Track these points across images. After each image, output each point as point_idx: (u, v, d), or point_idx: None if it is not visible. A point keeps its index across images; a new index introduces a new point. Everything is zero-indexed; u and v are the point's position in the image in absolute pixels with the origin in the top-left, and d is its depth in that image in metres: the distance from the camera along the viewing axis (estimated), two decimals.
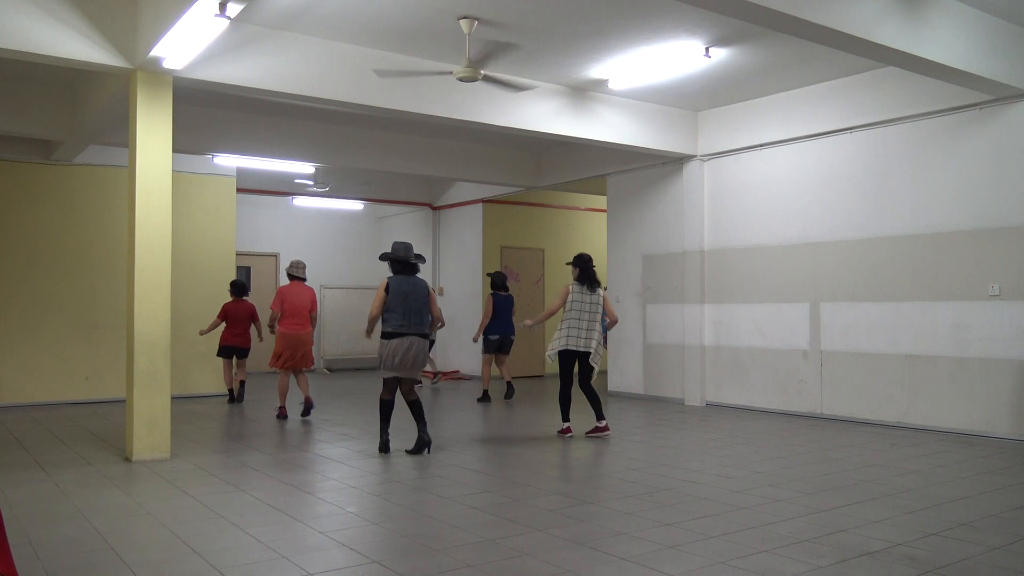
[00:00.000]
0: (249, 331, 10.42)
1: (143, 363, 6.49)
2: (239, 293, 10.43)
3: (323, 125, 10.53)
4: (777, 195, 9.41)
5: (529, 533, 4.36)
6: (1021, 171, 7.38)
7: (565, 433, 7.64)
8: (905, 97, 8.09)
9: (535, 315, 8.09)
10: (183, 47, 5.95)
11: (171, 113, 6.67)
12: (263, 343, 11.05)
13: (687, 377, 10.24)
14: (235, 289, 10.43)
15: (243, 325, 10.35)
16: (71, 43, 6.07)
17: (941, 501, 5.07)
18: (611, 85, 8.66)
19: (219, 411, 9.64)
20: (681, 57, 7.75)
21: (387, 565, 3.83)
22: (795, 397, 9.13)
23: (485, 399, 10.54)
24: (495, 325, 10.57)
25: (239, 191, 12.22)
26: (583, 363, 7.55)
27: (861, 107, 8.47)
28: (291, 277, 9.08)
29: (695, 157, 10.22)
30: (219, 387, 11.11)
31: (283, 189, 14.04)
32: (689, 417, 9.09)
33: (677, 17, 6.83)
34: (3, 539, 2.89)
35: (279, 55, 7.03)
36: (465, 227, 14.37)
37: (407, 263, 6.83)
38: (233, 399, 10.43)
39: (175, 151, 7.53)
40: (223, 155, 10.21)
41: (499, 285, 10.73)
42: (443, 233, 15.04)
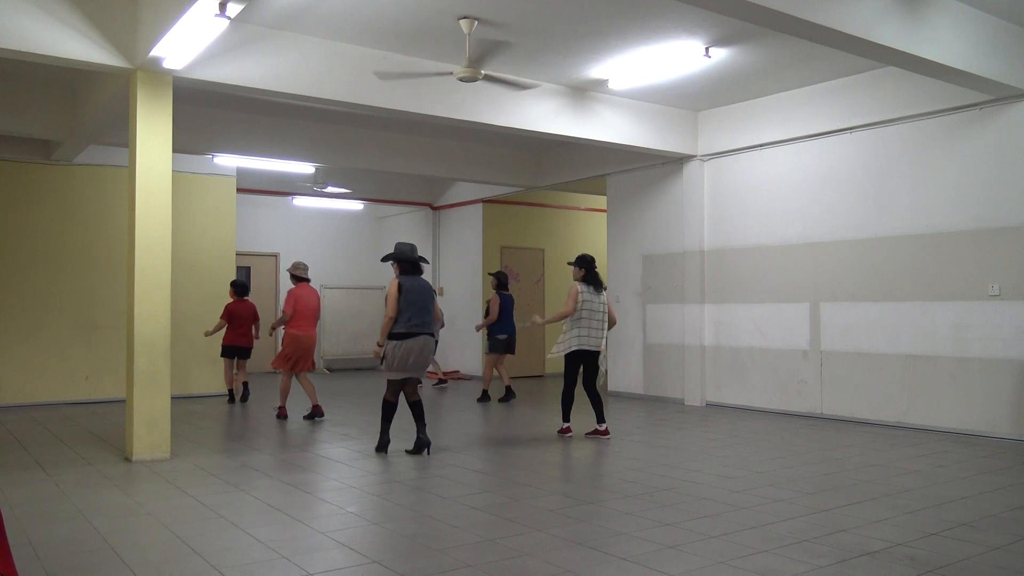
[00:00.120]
0: (252, 331, 10.43)
1: (143, 363, 6.49)
2: (242, 293, 10.42)
3: (323, 125, 10.53)
4: (777, 195, 9.41)
5: (529, 533, 4.36)
6: (1021, 171, 7.38)
7: (565, 433, 7.65)
8: (905, 97, 8.09)
9: (533, 316, 8.01)
10: (183, 47, 5.95)
11: (171, 113, 6.67)
12: (261, 343, 11.04)
13: (687, 377, 10.24)
14: (238, 289, 10.41)
15: (247, 325, 10.35)
16: (71, 43, 6.07)
17: (941, 501, 5.07)
18: (611, 85, 8.66)
19: (219, 411, 9.64)
20: (681, 57, 7.75)
21: (387, 565, 3.83)
22: (795, 397, 9.13)
23: (485, 398, 10.54)
24: (502, 325, 10.53)
25: (239, 191, 12.22)
26: (590, 364, 7.54)
27: (861, 107, 8.47)
28: (299, 279, 9.02)
29: (695, 157, 10.22)
30: (219, 387, 11.11)
31: (283, 189, 14.04)
32: (689, 417, 9.09)
33: (677, 17, 6.83)
34: (3, 539, 2.89)
35: (279, 55, 7.03)
36: (465, 227, 14.37)
37: (414, 263, 6.82)
38: (233, 399, 10.42)
39: (175, 151, 7.53)
40: (223, 155, 10.21)
41: (503, 285, 10.73)
42: (443, 233, 15.04)
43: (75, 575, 3.72)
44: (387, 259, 6.93)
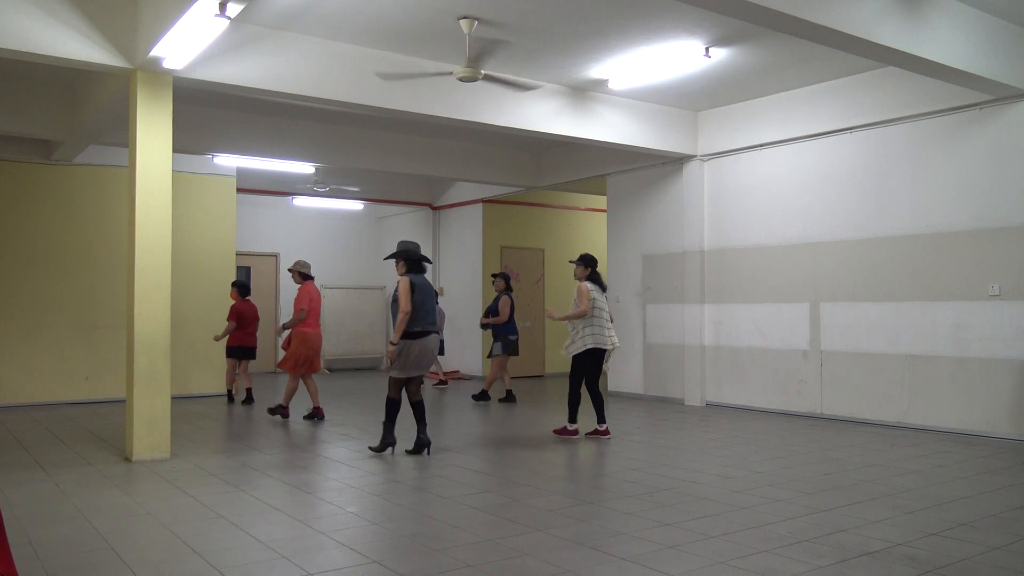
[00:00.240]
0: (256, 331, 10.39)
1: (143, 363, 6.49)
2: (245, 293, 10.38)
3: (323, 125, 10.53)
4: (777, 195, 9.41)
5: (529, 533, 4.36)
6: (1021, 171, 7.38)
7: (572, 435, 7.54)
8: (905, 97, 8.09)
9: (548, 309, 7.85)
10: (183, 47, 5.95)
11: (171, 113, 6.67)
12: (262, 343, 11.01)
13: (687, 377, 10.24)
14: (241, 289, 10.36)
15: (253, 325, 10.32)
16: (71, 43, 6.07)
17: (941, 501, 5.07)
18: (611, 85, 8.66)
19: (219, 411, 9.63)
20: (681, 57, 7.75)
21: (387, 565, 3.83)
22: (795, 397, 9.13)
23: (484, 397, 10.45)
24: (511, 325, 10.48)
25: (239, 191, 12.22)
26: (598, 363, 7.50)
27: (861, 107, 8.47)
28: (307, 277, 8.95)
29: (695, 157, 10.22)
30: (219, 387, 11.10)
31: (283, 189, 14.04)
32: (689, 417, 9.09)
33: (677, 17, 6.83)
34: (3, 539, 2.90)
35: (279, 55, 7.03)
36: (465, 227, 14.37)
37: (419, 262, 6.80)
38: (232, 399, 10.38)
39: (175, 151, 7.53)
40: (223, 155, 10.21)
41: (510, 286, 10.72)
42: (443, 233, 15.04)
43: (75, 575, 3.72)
44: (393, 257, 6.85)
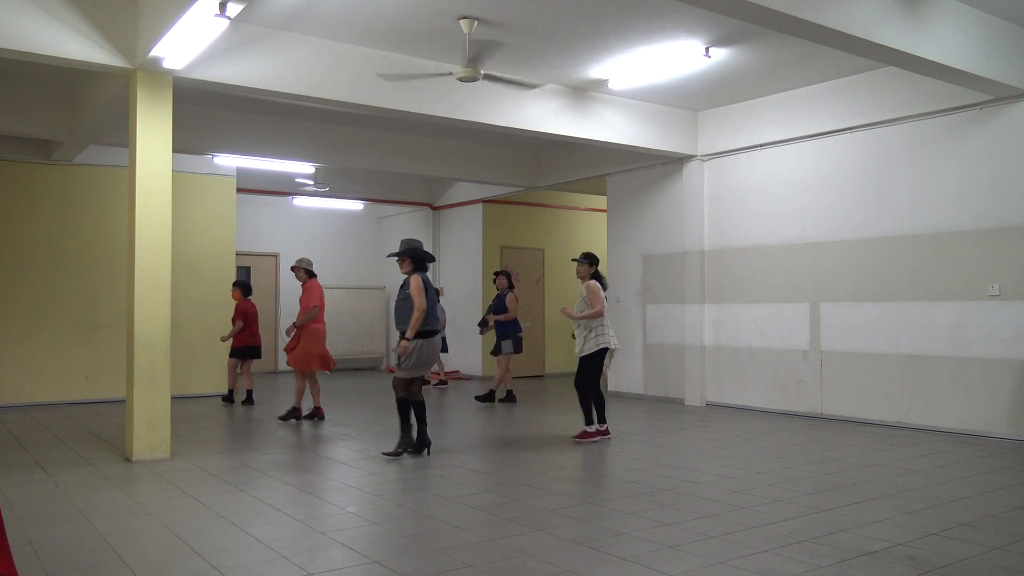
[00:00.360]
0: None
1: (143, 363, 6.49)
2: (248, 293, 10.33)
3: (323, 125, 10.53)
4: (777, 195, 9.41)
5: (529, 533, 4.36)
6: (1021, 171, 7.38)
7: (594, 436, 7.36)
8: (905, 97, 8.09)
9: (563, 308, 7.69)
10: (183, 47, 5.95)
11: (171, 113, 6.67)
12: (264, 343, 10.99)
13: (687, 377, 10.24)
14: (245, 289, 10.30)
15: (256, 325, 10.28)
16: (71, 43, 6.07)
17: (941, 501, 5.07)
18: (611, 85, 8.66)
19: (219, 411, 9.63)
20: (681, 57, 7.75)
21: (387, 565, 3.83)
22: (795, 397, 9.13)
23: (489, 398, 10.35)
24: (517, 323, 10.42)
25: (239, 191, 12.22)
26: (602, 364, 7.43)
27: (861, 107, 8.47)
28: (312, 274, 8.90)
29: (695, 157, 10.22)
30: (218, 387, 11.09)
31: (283, 189, 14.04)
32: (689, 417, 9.08)
33: (677, 17, 6.83)
34: (3, 539, 2.90)
35: (279, 55, 7.03)
36: (465, 227, 14.36)
37: (425, 260, 6.75)
38: (232, 399, 10.31)
39: (175, 151, 7.52)
40: (223, 155, 10.21)
41: (512, 284, 10.68)
42: (443, 233, 15.03)
43: (75, 575, 3.72)
44: (401, 255, 6.68)
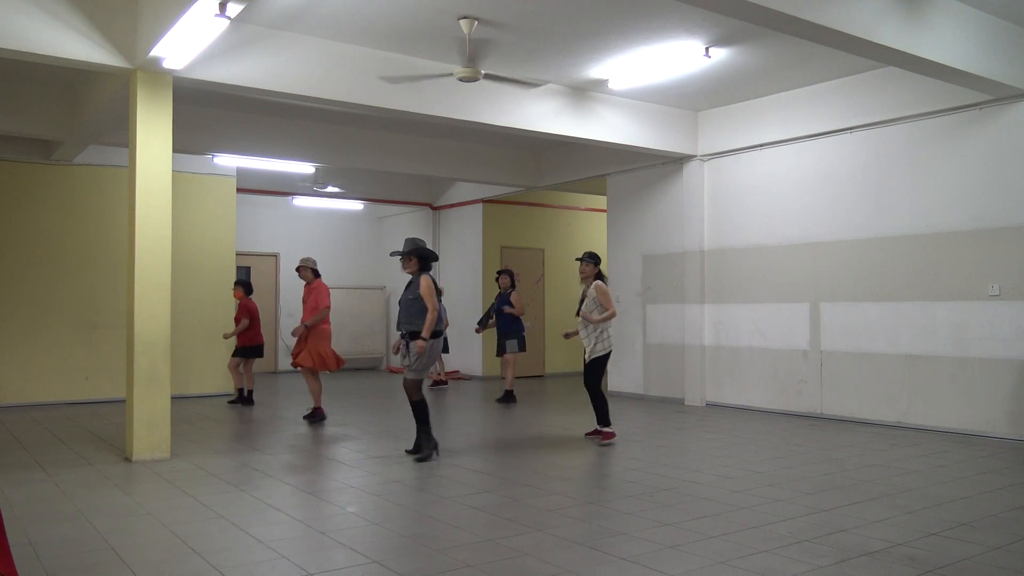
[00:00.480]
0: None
1: (143, 363, 6.49)
2: (250, 291, 10.29)
3: (323, 125, 10.53)
4: (777, 195, 9.41)
5: (529, 533, 4.36)
6: (1021, 171, 7.38)
7: (612, 438, 7.29)
8: (905, 97, 8.09)
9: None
10: (183, 47, 5.95)
11: (171, 113, 6.67)
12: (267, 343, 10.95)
13: (687, 377, 10.24)
14: (248, 288, 10.25)
15: (259, 323, 10.24)
16: (71, 43, 6.07)
17: (941, 501, 5.07)
18: (611, 85, 8.66)
19: (219, 411, 9.62)
20: (681, 57, 7.75)
21: (387, 565, 3.83)
22: (795, 397, 9.13)
23: (509, 399, 10.26)
24: (521, 322, 10.37)
25: (239, 191, 12.21)
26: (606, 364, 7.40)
27: (861, 107, 8.47)
28: (318, 274, 8.89)
29: (695, 157, 10.22)
30: (218, 387, 11.09)
31: (283, 189, 14.04)
32: (689, 417, 9.08)
33: (677, 17, 6.83)
34: (3, 539, 2.90)
35: (279, 55, 7.03)
36: (465, 227, 14.36)
37: (430, 260, 6.69)
38: (243, 399, 10.14)
39: (175, 151, 7.52)
40: (223, 155, 10.21)
41: (515, 283, 10.64)
42: (443, 233, 15.03)
43: (75, 575, 3.72)
44: (408, 255, 6.57)
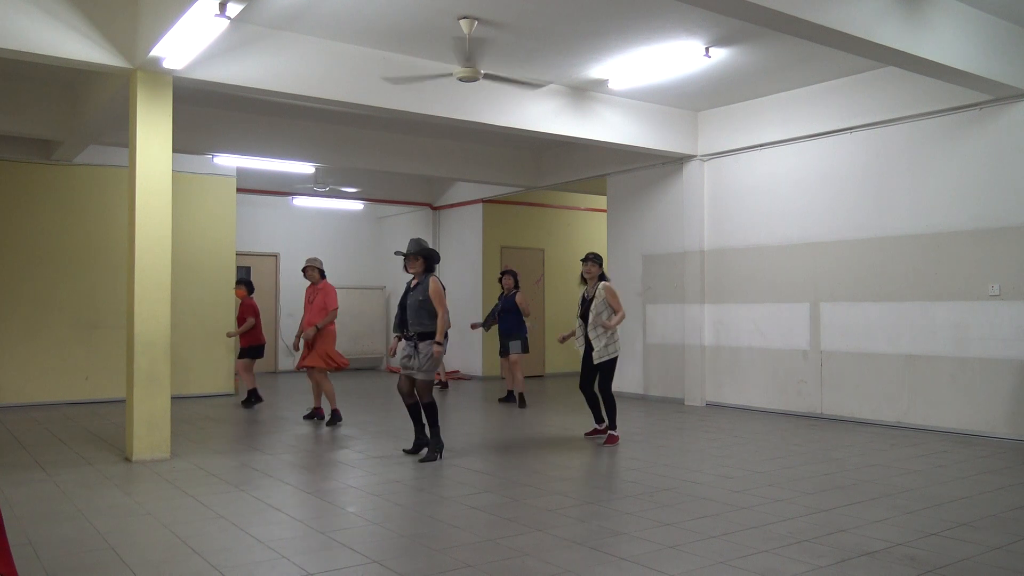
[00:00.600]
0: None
1: (143, 363, 6.49)
2: (252, 290, 10.24)
3: (323, 125, 10.53)
4: (777, 195, 9.41)
5: (529, 533, 4.36)
6: (1021, 171, 7.38)
7: (615, 441, 7.31)
8: (905, 97, 8.09)
9: (603, 322, 7.43)
10: (183, 47, 5.95)
11: (171, 113, 6.67)
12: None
13: (687, 377, 10.24)
14: (250, 286, 10.20)
15: (261, 322, 10.19)
16: (71, 43, 6.07)
17: (941, 501, 5.07)
18: (611, 85, 8.65)
19: (219, 411, 9.62)
20: (681, 57, 7.75)
21: (387, 565, 3.83)
22: (795, 397, 9.13)
23: (523, 403, 10.00)
24: (524, 324, 10.26)
25: (239, 191, 12.22)
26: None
27: (861, 107, 8.47)
28: (324, 275, 8.86)
29: (695, 157, 10.22)
30: (218, 387, 11.08)
31: (283, 189, 14.04)
32: (689, 417, 9.08)
33: (677, 17, 6.83)
34: (3, 539, 2.90)
35: (279, 55, 7.03)
36: (465, 227, 14.37)
37: (434, 261, 6.66)
38: (260, 399, 9.96)
39: (175, 151, 7.52)
40: (223, 155, 10.20)
41: (518, 283, 10.48)
42: (443, 233, 15.03)
43: (75, 575, 3.72)
44: (415, 255, 6.49)
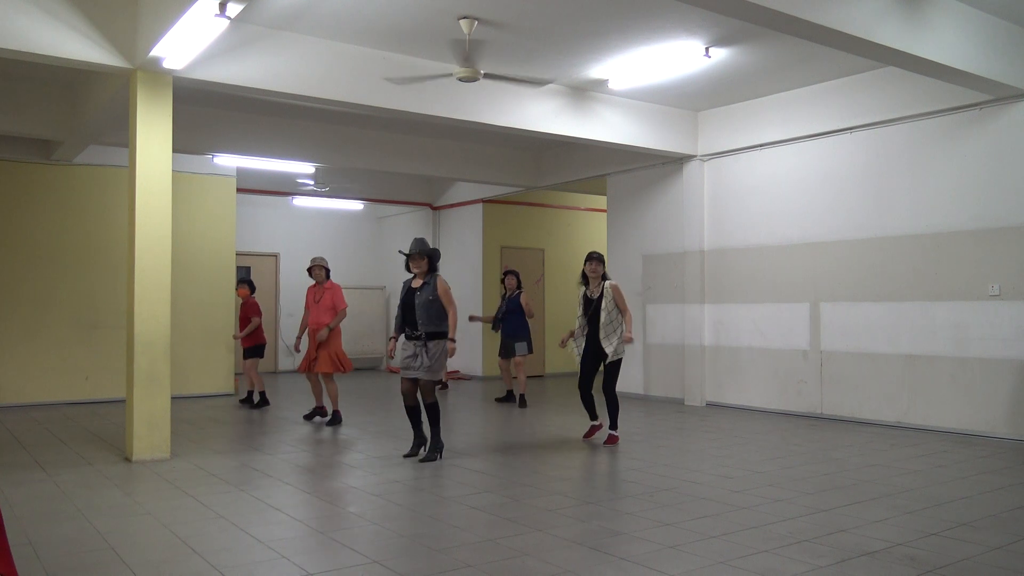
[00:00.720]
0: None
1: (143, 363, 6.49)
2: (254, 290, 10.23)
3: (323, 125, 10.53)
4: (777, 195, 9.41)
5: (529, 533, 4.36)
6: (1021, 171, 7.38)
7: (615, 442, 7.28)
8: (905, 97, 8.09)
9: (626, 335, 7.37)
10: (183, 47, 5.95)
11: (171, 113, 6.67)
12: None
13: (687, 377, 10.24)
14: (252, 286, 10.18)
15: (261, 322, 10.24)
16: (71, 43, 6.07)
17: (941, 501, 5.07)
18: (611, 85, 8.66)
19: (220, 412, 9.62)
20: (681, 57, 7.75)
21: (387, 565, 3.83)
22: (795, 397, 9.13)
23: (523, 403, 10.01)
24: (527, 325, 10.26)
25: (239, 191, 12.22)
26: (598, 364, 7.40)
27: (861, 107, 8.47)
28: (330, 274, 8.83)
29: (695, 157, 10.22)
30: (218, 387, 11.08)
31: (283, 189, 14.04)
32: (689, 417, 9.08)
33: (677, 17, 6.83)
34: (3, 539, 2.90)
35: (279, 55, 7.03)
36: (465, 227, 14.37)
37: (436, 260, 6.66)
38: (268, 402, 9.94)
39: (175, 151, 7.52)
40: (223, 155, 10.20)
41: (520, 284, 10.49)
42: (443, 233, 15.03)
43: (75, 575, 3.72)
44: (421, 255, 6.49)
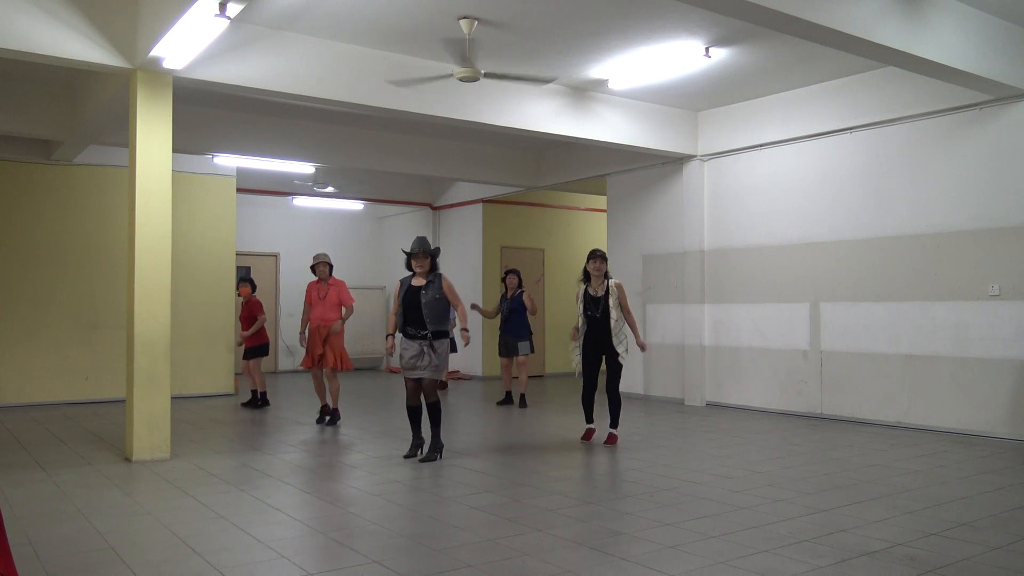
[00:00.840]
0: None
1: (143, 363, 6.49)
2: (255, 288, 10.20)
3: (323, 125, 10.53)
4: (777, 195, 9.41)
5: (529, 533, 4.36)
6: (1021, 171, 7.38)
7: (615, 441, 7.24)
8: (905, 97, 8.09)
9: (640, 341, 7.27)
10: (183, 47, 5.95)
11: (171, 113, 6.67)
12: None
13: (687, 377, 10.24)
14: (254, 285, 10.16)
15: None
16: (71, 43, 6.07)
17: (941, 501, 5.07)
18: (611, 85, 8.66)
19: (220, 412, 9.62)
20: (681, 57, 7.75)
21: (387, 565, 3.83)
22: (795, 397, 9.13)
23: (523, 404, 9.98)
24: (529, 325, 10.19)
25: (239, 191, 12.22)
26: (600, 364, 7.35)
27: (861, 107, 8.47)
28: (333, 271, 8.79)
29: (695, 157, 10.22)
30: (218, 387, 11.09)
31: (283, 189, 14.04)
32: (689, 417, 9.08)
33: (677, 17, 6.83)
34: (3, 539, 2.90)
35: (279, 55, 7.03)
36: (465, 227, 14.37)
37: (436, 259, 6.62)
38: (267, 401, 9.92)
39: (175, 151, 7.51)
40: (223, 155, 10.21)
41: (522, 283, 10.40)
42: (443, 233, 15.03)
43: (75, 575, 3.72)
44: (425, 255, 6.41)
